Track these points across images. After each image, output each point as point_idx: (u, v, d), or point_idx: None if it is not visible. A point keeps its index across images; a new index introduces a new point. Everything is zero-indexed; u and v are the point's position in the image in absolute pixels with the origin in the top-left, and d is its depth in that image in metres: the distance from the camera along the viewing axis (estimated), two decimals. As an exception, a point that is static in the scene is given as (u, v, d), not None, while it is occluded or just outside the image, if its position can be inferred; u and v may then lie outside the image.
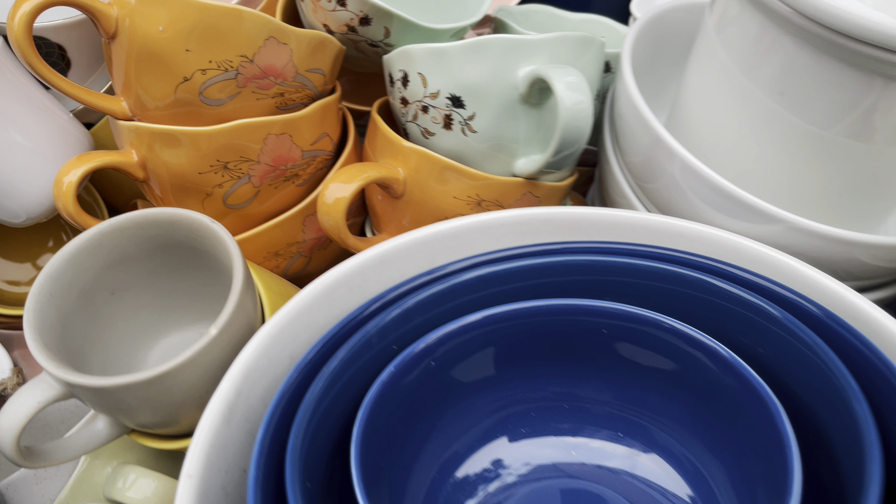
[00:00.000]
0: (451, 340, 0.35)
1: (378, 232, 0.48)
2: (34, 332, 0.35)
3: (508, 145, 0.42)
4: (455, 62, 0.41)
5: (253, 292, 0.37)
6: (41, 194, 0.46)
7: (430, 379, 0.35)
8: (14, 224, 0.47)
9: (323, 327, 0.37)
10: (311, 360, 0.33)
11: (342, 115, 0.48)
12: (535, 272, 0.37)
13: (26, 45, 0.38)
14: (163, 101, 0.41)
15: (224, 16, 0.39)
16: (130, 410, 0.35)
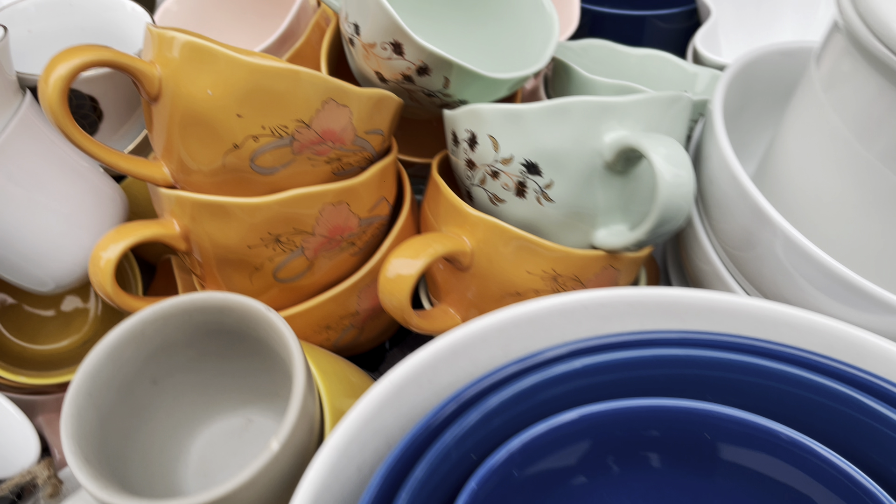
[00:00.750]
0: (537, 444, 0.31)
1: (437, 300, 0.44)
2: (73, 445, 0.31)
3: (588, 214, 0.38)
4: (532, 126, 0.37)
5: (313, 391, 0.33)
6: (72, 261, 0.42)
7: (514, 490, 0.32)
8: (41, 292, 0.43)
9: (393, 432, 0.33)
10: (384, 480, 0.29)
11: (398, 173, 0.44)
12: (625, 365, 0.33)
13: (61, 112, 0.34)
14: (209, 168, 0.37)
15: (280, 78, 0.35)
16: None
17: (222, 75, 0.34)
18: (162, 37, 0.35)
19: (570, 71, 0.49)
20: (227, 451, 0.39)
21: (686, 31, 0.68)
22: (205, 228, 0.38)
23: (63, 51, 0.34)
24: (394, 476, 0.29)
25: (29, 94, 0.41)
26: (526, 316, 0.35)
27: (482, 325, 0.34)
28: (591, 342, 0.34)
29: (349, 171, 0.40)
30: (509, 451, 0.30)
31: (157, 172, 0.38)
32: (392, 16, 0.40)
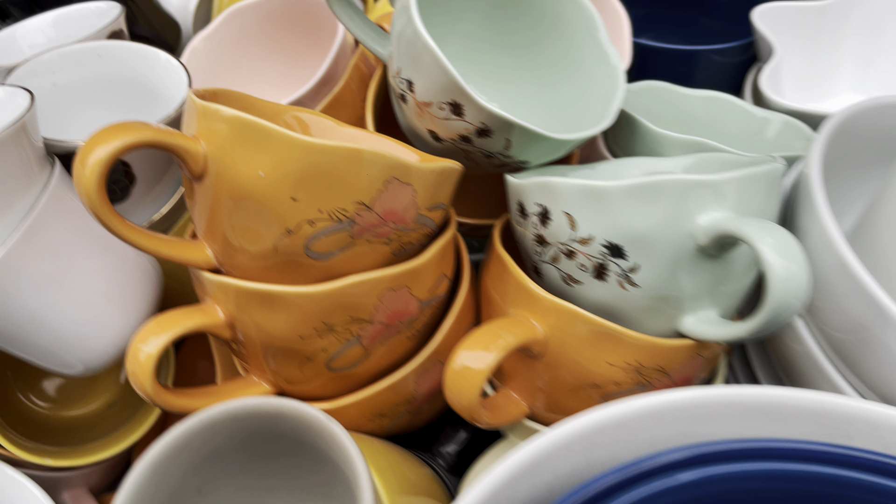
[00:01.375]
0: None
1: (502, 384, 0.40)
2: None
3: (675, 299, 0.35)
4: (616, 206, 0.33)
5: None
6: (104, 342, 0.39)
7: None
8: (69, 375, 0.40)
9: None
10: None
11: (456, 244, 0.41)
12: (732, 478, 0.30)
13: (99, 200, 0.30)
14: (258, 253, 0.33)
15: (341, 159, 0.31)
16: None
17: (276, 156, 0.31)
18: (207, 111, 0.32)
19: (635, 124, 0.45)
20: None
21: (740, 65, 0.64)
22: (252, 317, 0.34)
23: (102, 130, 0.31)
24: None
25: (58, 164, 0.38)
26: (612, 419, 0.31)
27: (564, 432, 0.31)
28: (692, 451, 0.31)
29: (409, 249, 0.36)
30: None
31: (200, 255, 0.35)
32: (453, 76, 0.37)
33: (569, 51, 0.47)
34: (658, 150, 0.45)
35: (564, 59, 0.47)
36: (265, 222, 0.32)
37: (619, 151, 0.47)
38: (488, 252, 0.40)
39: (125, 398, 0.53)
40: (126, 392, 0.54)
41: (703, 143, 0.43)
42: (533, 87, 0.48)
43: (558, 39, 0.47)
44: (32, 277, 0.35)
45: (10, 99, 0.36)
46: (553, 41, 0.47)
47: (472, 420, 0.34)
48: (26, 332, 0.37)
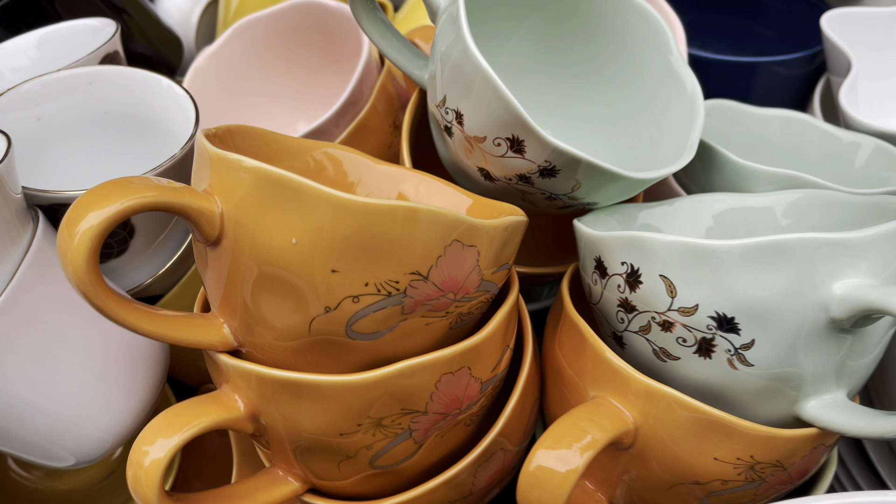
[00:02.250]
0: None
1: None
2: None
3: (795, 381, 0.28)
4: (730, 271, 0.27)
5: None
6: (100, 430, 0.33)
7: None
8: (61, 468, 0.34)
9: None
10: None
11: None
12: None
13: (88, 277, 0.24)
14: (290, 334, 0.27)
15: (393, 221, 0.25)
16: None
17: (313, 219, 0.25)
18: (224, 161, 0.26)
19: (714, 154, 0.39)
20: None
21: (803, 77, 0.58)
22: (280, 410, 0.28)
23: (95, 190, 0.24)
24: None
25: (41, 219, 0.31)
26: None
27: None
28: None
29: (467, 320, 0.30)
30: None
31: (216, 334, 0.28)
32: (515, 108, 0.31)
33: (634, 69, 0.40)
34: (741, 184, 0.38)
35: (628, 78, 0.41)
36: (298, 298, 0.26)
37: (693, 185, 0.41)
38: (557, 315, 0.34)
39: (124, 468, 0.47)
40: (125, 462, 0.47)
41: (798, 177, 0.37)
42: (591, 110, 0.42)
43: (621, 57, 0.41)
44: (13, 355, 0.29)
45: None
46: (615, 58, 0.41)
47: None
48: (6, 420, 0.30)
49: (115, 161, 0.40)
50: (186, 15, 0.62)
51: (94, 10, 0.52)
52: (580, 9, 0.40)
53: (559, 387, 0.33)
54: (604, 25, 0.40)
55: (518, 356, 0.34)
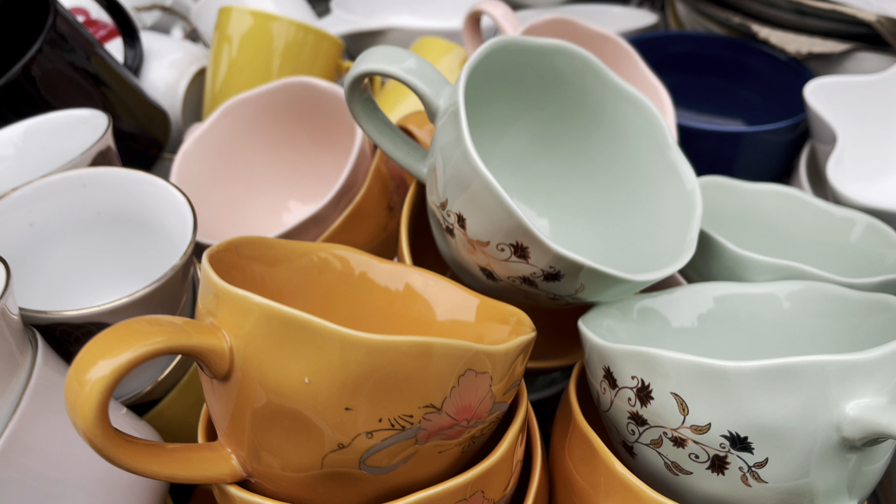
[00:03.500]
0: None
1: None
2: None
3: (808, 496, 0.28)
4: (742, 392, 0.27)
5: None
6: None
7: None
8: None
9: None
10: None
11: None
12: None
13: (101, 430, 0.23)
14: (301, 470, 0.27)
15: (407, 357, 0.25)
16: None
17: (326, 358, 0.24)
18: (232, 298, 0.25)
19: (713, 244, 0.39)
20: None
21: (789, 144, 0.59)
22: (294, 545, 0.27)
23: (104, 336, 0.24)
24: None
25: (40, 342, 0.31)
26: None
27: None
28: None
29: (479, 441, 0.30)
30: None
31: (224, 467, 0.28)
32: (520, 219, 0.31)
33: (629, 160, 0.41)
34: (741, 274, 0.39)
35: (625, 168, 0.41)
36: (310, 434, 0.26)
37: (692, 272, 0.41)
38: (566, 421, 0.34)
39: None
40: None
41: (797, 268, 0.37)
42: (588, 199, 0.42)
43: (617, 147, 0.41)
44: (17, 494, 0.28)
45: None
46: (611, 148, 0.41)
47: None
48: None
49: (109, 262, 0.40)
50: (172, 87, 0.62)
51: (79, 91, 0.52)
52: (577, 103, 0.40)
53: (570, 497, 0.32)
54: (599, 117, 0.40)
55: (526, 461, 0.34)
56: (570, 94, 0.40)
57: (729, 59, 0.67)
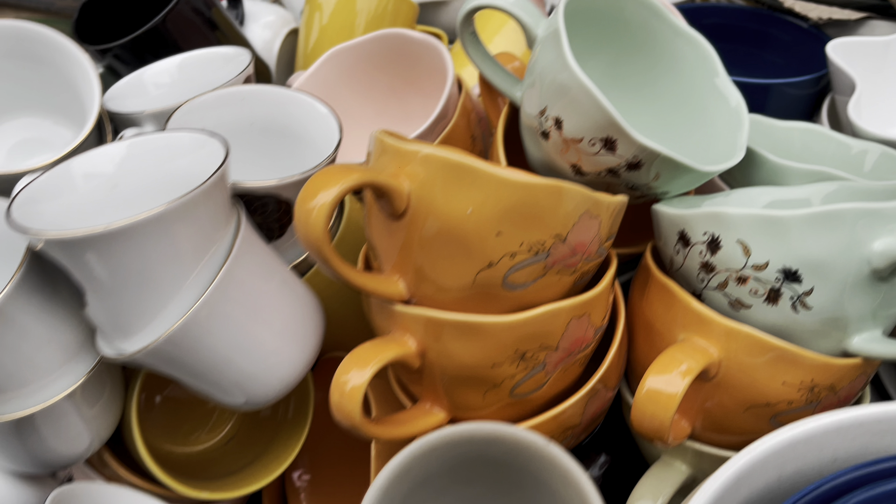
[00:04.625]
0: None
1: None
2: None
3: (843, 321, 0.37)
4: (795, 234, 0.35)
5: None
6: (276, 379, 0.40)
7: None
8: (228, 406, 0.41)
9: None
10: None
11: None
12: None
13: (325, 241, 0.32)
14: (456, 286, 0.35)
15: (546, 195, 0.33)
16: None
17: (485, 193, 0.33)
18: (414, 154, 0.34)
19: (754, 155, 0.47)
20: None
21: (809, 97, 0.67)
22: (447, 347, 0.35)
23: (320, 175, 0.32)
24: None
25: (241, 206, 0.39)
26: (803, 436, 0.33)
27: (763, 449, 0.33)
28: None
29: (584, 279, 0.38)
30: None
31: (393, 288, 0.36)
32: (612, 115, 0.39)
33: (684, 88, 0.49)
34: (777, 181, 0.47)
35: (680, 95, 0.49)
36: (468, 256, 0.34)
37: (734, 183, 0.50)
38: (644, 282, 0.42)
39: (244, 431, 0.54)
40: (245, 424, 0.54)
41: (827, 172, 0.45)
42: (649, 122, 0.50)
43: (674, 78, 0.49)
44: (226, 318, 0.37)
45: (200, 146, 0.38)
46: (669, 79, 0.49)
47: (661, 439, 0.36)
48: (210, 369, 0.38)
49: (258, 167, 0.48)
50: (268, 45, 0.70)
51: (203, 38, 0.60)
52: (641, 41, 0.48)
53: (649, 338, 0.41)
54: (659, 53, 0.48)
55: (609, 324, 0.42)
56: (636, 34, 0.49)
57: (755, 29, 0.76)
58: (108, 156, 0.38)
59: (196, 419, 0.54)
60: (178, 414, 0.54)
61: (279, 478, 0.53)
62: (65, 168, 0.37)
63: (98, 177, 0.38)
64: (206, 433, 0.54)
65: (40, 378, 0.38)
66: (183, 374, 0.38)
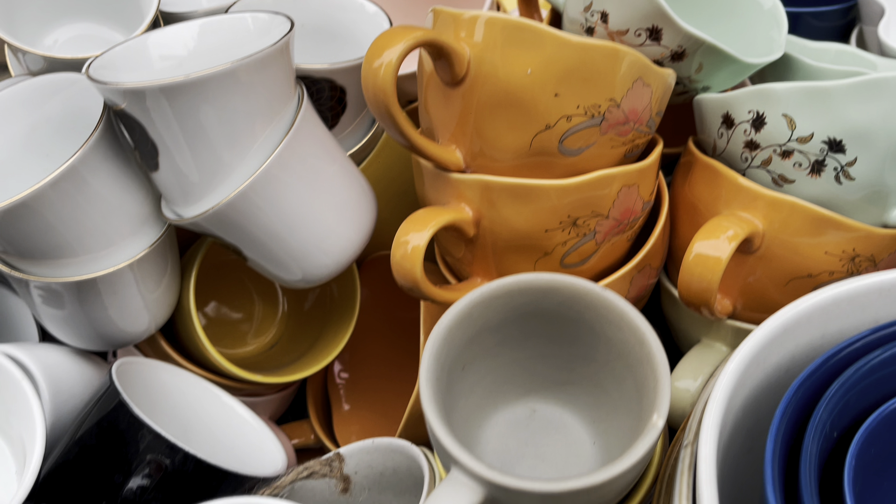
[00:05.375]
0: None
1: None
2: (444, 432, 0.30)
3: (883, 192, 0.38)
4: (839, 104, 0.36)
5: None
6: (329, 256, 0.42)
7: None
8: (285, 282, 0.42)
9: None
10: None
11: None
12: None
13: (392, 96, 0.33)
14: (513, 151, 0.36)
15: (602, 56, 0.34)
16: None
17: (545, 54, 0.34)
18: (470, 19, 0.35)
19: (792, 61, 0.49)
20: (517, 441, 0.38)
21: (835, 29, 0.68)
22: (503, 213, 0.37)
23: (383, 35, 0.34)
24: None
25: (303, 85, 0.40)
26: (846, 295, 0.35)
27: (809, 304, 0.34)
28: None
29: (634, 153, 0.39)
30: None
31: (451, 156, 0.37)
32: (659, 2, 0.40)
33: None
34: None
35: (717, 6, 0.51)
36: (526, 119, 0.35)
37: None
38: (687, 168, 0.43)
39: (286, 338, 0.56)
40: (287, 332, 0.56)
41: (862, 73, 0.46)
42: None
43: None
44: (286, 187, 0.38)
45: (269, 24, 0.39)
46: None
47: (704, 306, 0.37)
48: (271, 238, 0.39)
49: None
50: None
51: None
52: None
53: (693, 221, 0.42)
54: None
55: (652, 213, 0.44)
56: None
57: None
58: (181, 35, 0.40)
59: (241, 326, 0.56)
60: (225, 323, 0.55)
61: (322, 376, 0.55)
62: (141, 42, 0.39)
63: (171, 57, 0.40)
64: (252, 338, 0.56)
65: (105, 247, 0.39)
66: (244, 243, 0.39)
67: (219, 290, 0.54)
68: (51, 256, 0.38)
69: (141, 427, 0.36)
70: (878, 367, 0.32)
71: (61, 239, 0.37)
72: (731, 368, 0.31)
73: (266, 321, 0.56)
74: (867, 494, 0.32)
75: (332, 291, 0.52)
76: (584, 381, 0.37)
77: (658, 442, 0.34)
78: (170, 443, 0.36)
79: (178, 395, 0.44)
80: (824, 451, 0.32)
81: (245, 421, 0.45)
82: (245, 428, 0.45)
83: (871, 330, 0.33)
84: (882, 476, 0.33)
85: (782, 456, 0.30)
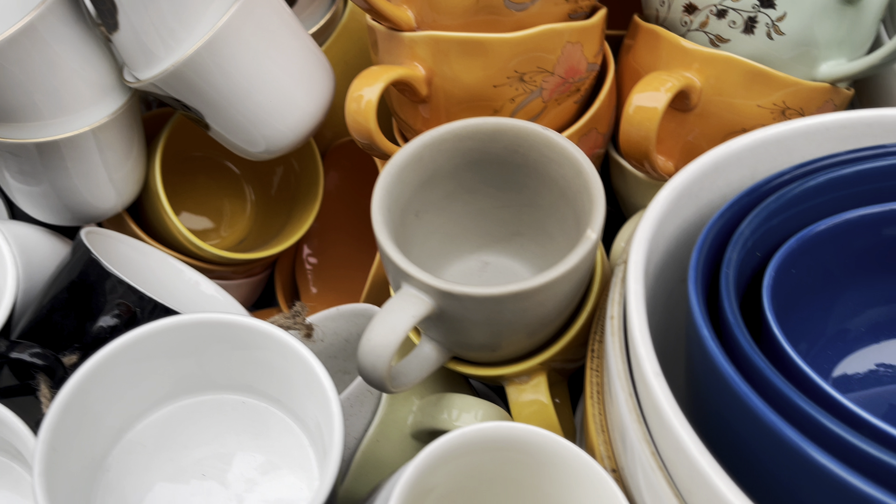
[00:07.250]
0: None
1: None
2: (393, 250, 0.32)
3: (813, 48, 0.40)
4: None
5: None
6: (287, 126, 0.43)
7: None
8: (250, 153, 0.44)
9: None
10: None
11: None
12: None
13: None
14: (461, 8, 0.38)
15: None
16: (476, 328, 0.33)
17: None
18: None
19: None
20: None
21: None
22: (453, 68, 0.39)
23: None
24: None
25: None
26: (773, 137, 0.37)
27: (739, 144, 0.36)
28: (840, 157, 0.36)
29: (579, 14, 0.41)
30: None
31: (403, 15, 0.39)
32: None
33: None
34: None
35: None
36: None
37: None
38: (630, 37, 0.45)
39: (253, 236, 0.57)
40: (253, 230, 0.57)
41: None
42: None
43: None
44: (241, 49, 0.39)
45: None
46: None
47: (646, 156, 0.39)
48: (229, 101, 0.41)
49: None
50: None
51: None
52: None
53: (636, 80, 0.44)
54: None
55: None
56: None
57: None
58: None
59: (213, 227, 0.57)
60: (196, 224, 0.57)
61: (290, 264, 0.57)
62: None
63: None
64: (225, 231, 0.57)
65: (68, 112, 0.41)
66: (204, 108, 0.41)
67: (188, 195, 0.56)
68: (15, 119, 0.40)
69: (109, 277, 0.38)
70: (802, 197, 0.34)
71: (26, 98, 0.39)
72: (663, 196, 0.34)
73: (235, 216, 0.57)
74: (789, 315, 0.34)
75: (295, 170, 0.54)
76: (532, 230, 0.39)
77: (598, 260, 0.36)
78: (139, 292, 0.38)
79: (143, 269, 0.46)
80: (747, 275, 0.34)
81: (210, 296, 0.47)
82: (211, 302, 0.47)
83: (797, 165, 0.36)
84: (800, 298, 0.35)
85: (706, 272, 0.32)
